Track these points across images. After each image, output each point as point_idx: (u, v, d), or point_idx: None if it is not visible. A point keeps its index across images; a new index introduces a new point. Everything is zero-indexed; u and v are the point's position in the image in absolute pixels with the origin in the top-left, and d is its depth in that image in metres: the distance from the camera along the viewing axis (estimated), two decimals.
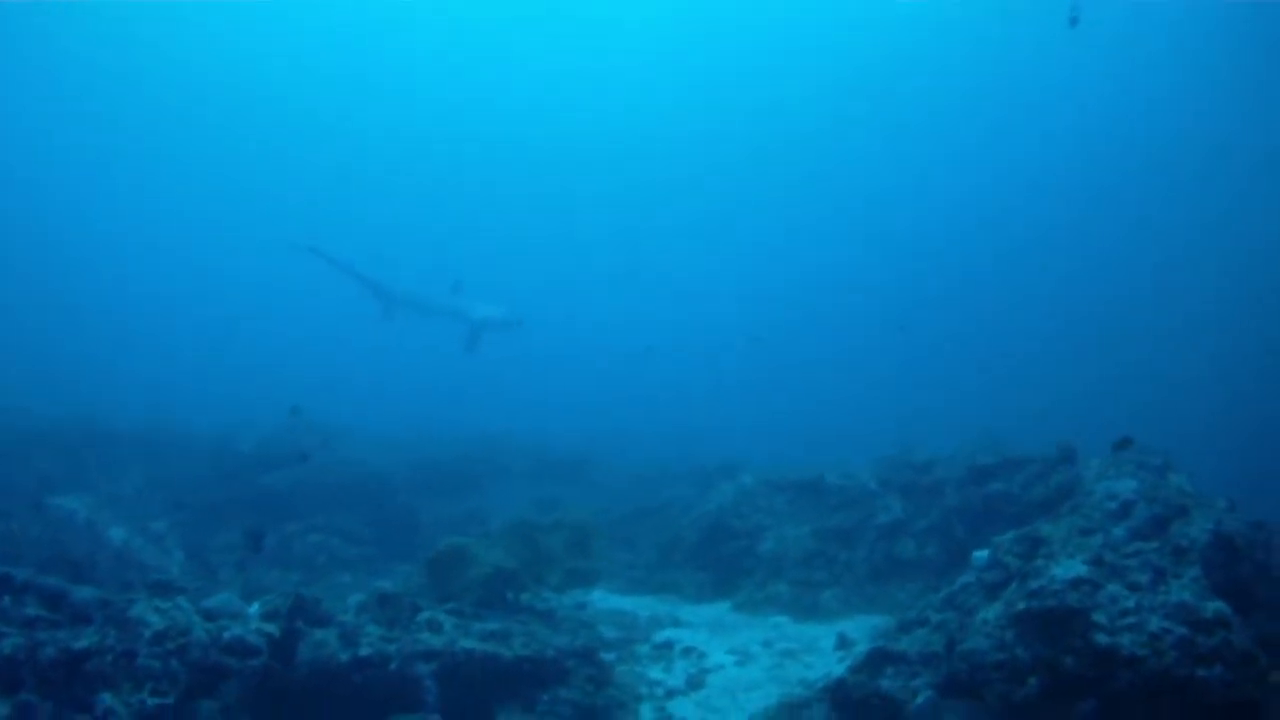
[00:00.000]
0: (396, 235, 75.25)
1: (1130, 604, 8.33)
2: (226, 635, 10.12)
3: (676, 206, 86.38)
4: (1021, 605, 8.88)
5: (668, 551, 18.98)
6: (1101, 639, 8.06)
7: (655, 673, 12.94)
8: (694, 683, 12.47)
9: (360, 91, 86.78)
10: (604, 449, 33.35)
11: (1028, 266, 69.58)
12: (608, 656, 13.08)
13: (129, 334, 66.90)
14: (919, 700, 9.10)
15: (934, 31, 67.14)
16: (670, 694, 12.15)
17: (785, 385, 58.26)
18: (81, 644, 9.26)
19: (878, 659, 9.93)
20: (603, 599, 17.16)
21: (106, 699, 8.75)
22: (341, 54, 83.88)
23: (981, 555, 11.41)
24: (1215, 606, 8.14)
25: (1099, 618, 8.26)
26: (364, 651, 10.57)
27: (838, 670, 11.02)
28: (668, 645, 14.09)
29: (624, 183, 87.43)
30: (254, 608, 11.28)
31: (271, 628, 10.52)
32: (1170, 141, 60.08)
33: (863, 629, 13.84)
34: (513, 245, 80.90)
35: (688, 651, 13.73)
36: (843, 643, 13.38)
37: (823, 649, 13.48)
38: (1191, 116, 57.94)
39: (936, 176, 78.20)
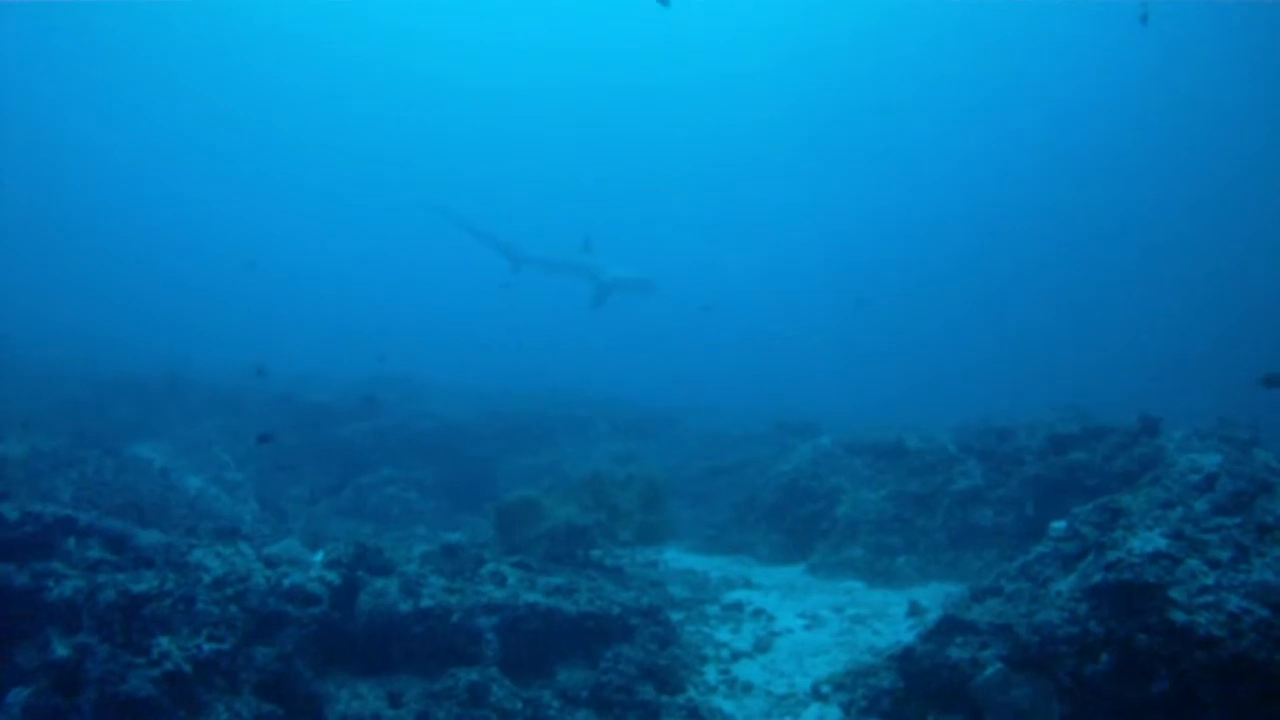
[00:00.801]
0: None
1: (1209, 581, 8.04)
2: (286, 582, 10.15)
3: (767, 161, 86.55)
4: (1097, 578, 8.62)
5: (743, 511, 18.84)
6: (1178, 616, 7.78)
7: (723, 634, 12.79)
8: (761, 645, 12.30)
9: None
10: (683, 407, 33.33)
11: (1119, 244, 68.73)
12: (675, 616, 12.99)
13: (220, 294, 68.01)
14: (987, 672, 8.88)
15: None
16: (736, 656, 12.00)
17: (868, 350, 57.98)
18: (141, 587, 9.24)
19: (947, 628, 9.71)
20: (675, 558, 17.10)
21: (163, 643, 8.73)
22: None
23: (1059, 525, 11.14)
24: None
25: (1176, 594, 7.98)
26: (425, 603, 10.55)
27: (907, 638, 10.84)
28: (737, 607, 13.92)
29: (714, 132, 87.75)
30: (318, 556, 11.31)
31: (333, 576, 10.54)
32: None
33: (936, 597, 13.60)
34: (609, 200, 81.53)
35: (757, 614, 13.55)
36: (914, 610, 13.16)
37: (894, 616, 13.26)
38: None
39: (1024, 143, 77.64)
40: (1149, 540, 8.67)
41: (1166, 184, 67.05)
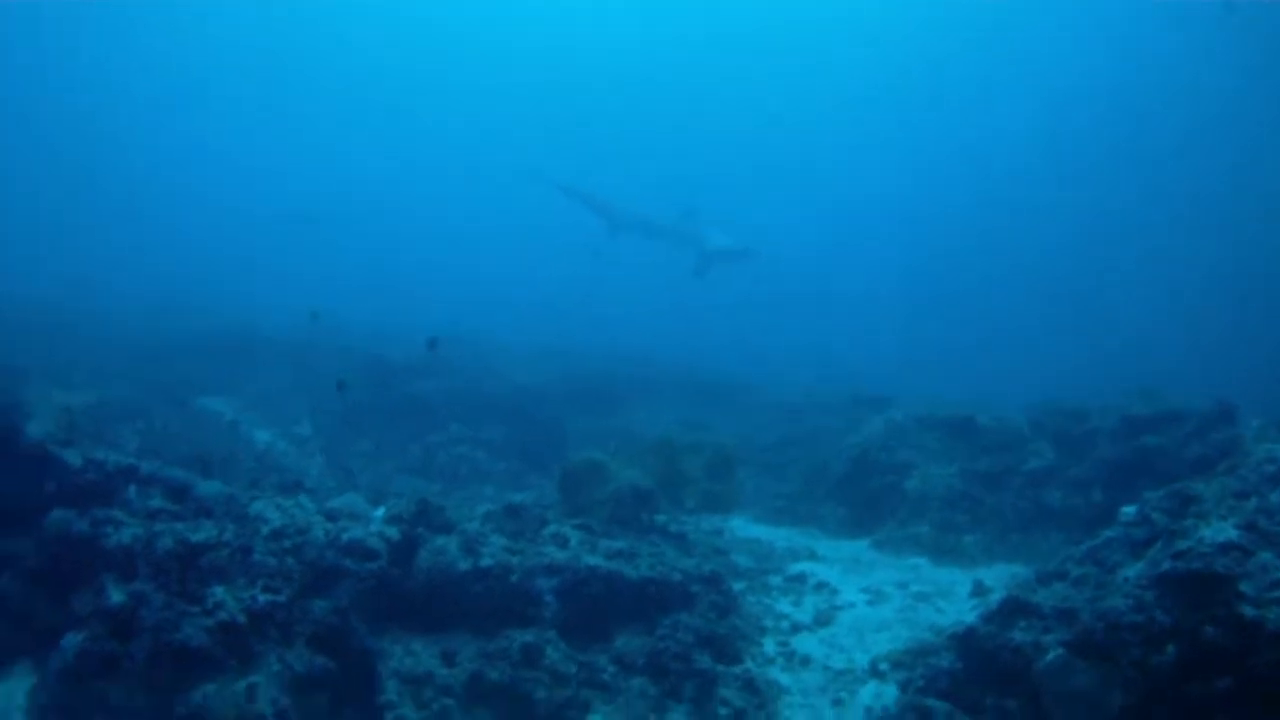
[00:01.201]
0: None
1: None
2: (345, 537, 10.20)
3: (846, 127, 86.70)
4: (1165, 566, 8.45)
5: (812, 483, 18.76)
6: (1247, 610, 7.60)
7: (783, 605, 12.74)
8: (822, 619, 12.25)
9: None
10: (754, 375, 33.19)
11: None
12: (737, 585, 12.95)
13: (290, 256, 68.78)
14: (1049, 657, 8.74)
15: None
16: (796, 628, 11.96)
17: (940, 325, 57.63)
18: (199, 537, 9.35)
19: (1011, 610, 9.56)
20: (741, 526, 17.05)
21: (218, 592, 8.79)
22: None
23: (1130, 510, 10.95)
24: None
25: (1246, 587, 7.80)
26: (485, 562, 10.57)
27: (969, 618, 10.70)
28: (800, 579, 13.85)
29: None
30: (379, 511, 11.33)
31: (393, 532, 10.58)
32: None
33: (1001, 577, 13.44)
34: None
35: (820, 587, 13.49)
36: (979, 590, 13.03)
37: (958, 595, 13.14)
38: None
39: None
40: (1221, 530, 8.48)
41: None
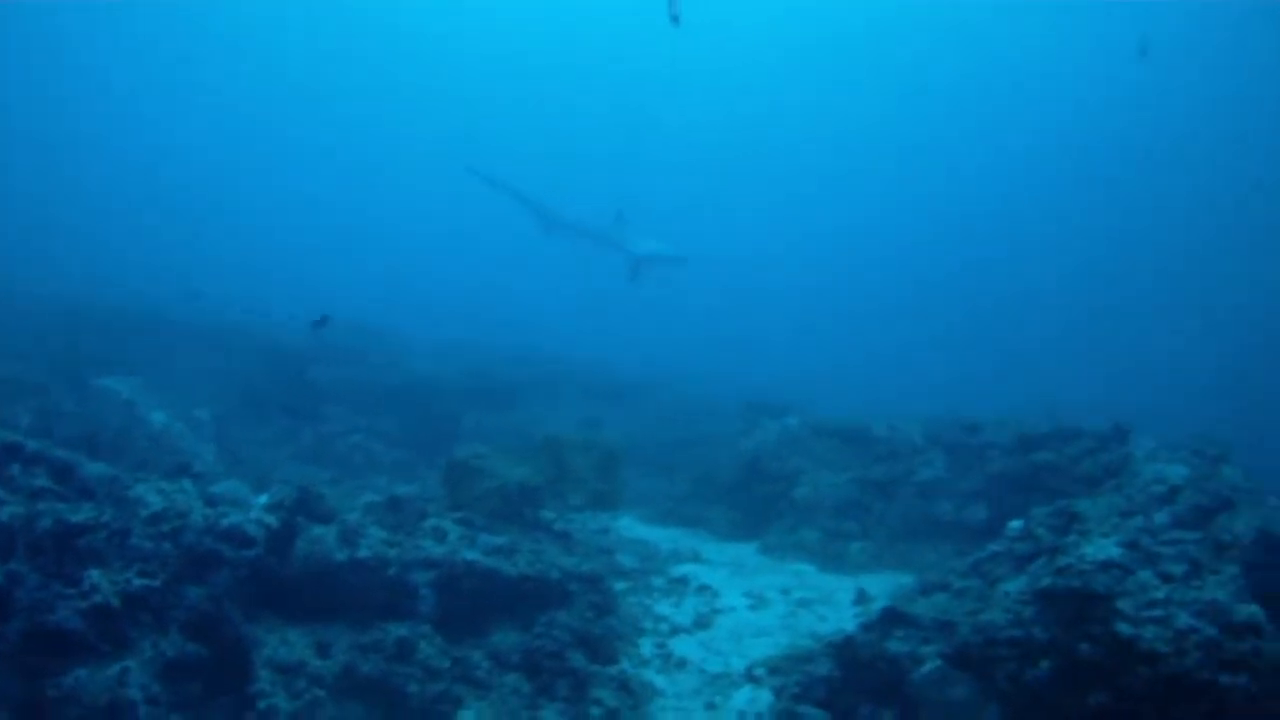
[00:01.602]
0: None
1: (1160, 595, 7.80)
2: (224, 523, 9.94)
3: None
4: (1045, 581, 8.40)
5: (702, 485, 18.68)
6: (1123, 629, 7.53)
7: (664, 607, 12.64)
8: (701, 622, 12.17)
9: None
10: (660, 376, 33.23)
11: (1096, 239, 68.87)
12: (620, 585, 12.89)
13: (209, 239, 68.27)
14: (926, 668, 8.65)
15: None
16: (675, 631, 11.87)
17: (848, 337, 58.05)
18: (78, 518, 9.06)
19: (890, 620, 9.50)
20: (629, 526, 16.95)
21: (94, 575, 8.54)
22: None
23: (1016, 524, 10.97)
24: (1250, 610, 7.57)
25: (1124, 605, 7.74)
26: (362, 553, 10.37)
27: (850, 626, 10.66)
28: (683, 581, 13.77)
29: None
30: (261, 498, 11.07)
31: (272, 519, 10.33)
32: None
33: (886, 586, 13.39)
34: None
35: (702, 589, 13.41)
36: (861, 598, 12.99)
37: (841, 602, 13.10)
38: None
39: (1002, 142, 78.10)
40: (1102, 548, 8.46)
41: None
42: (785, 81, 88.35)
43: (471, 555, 10.80)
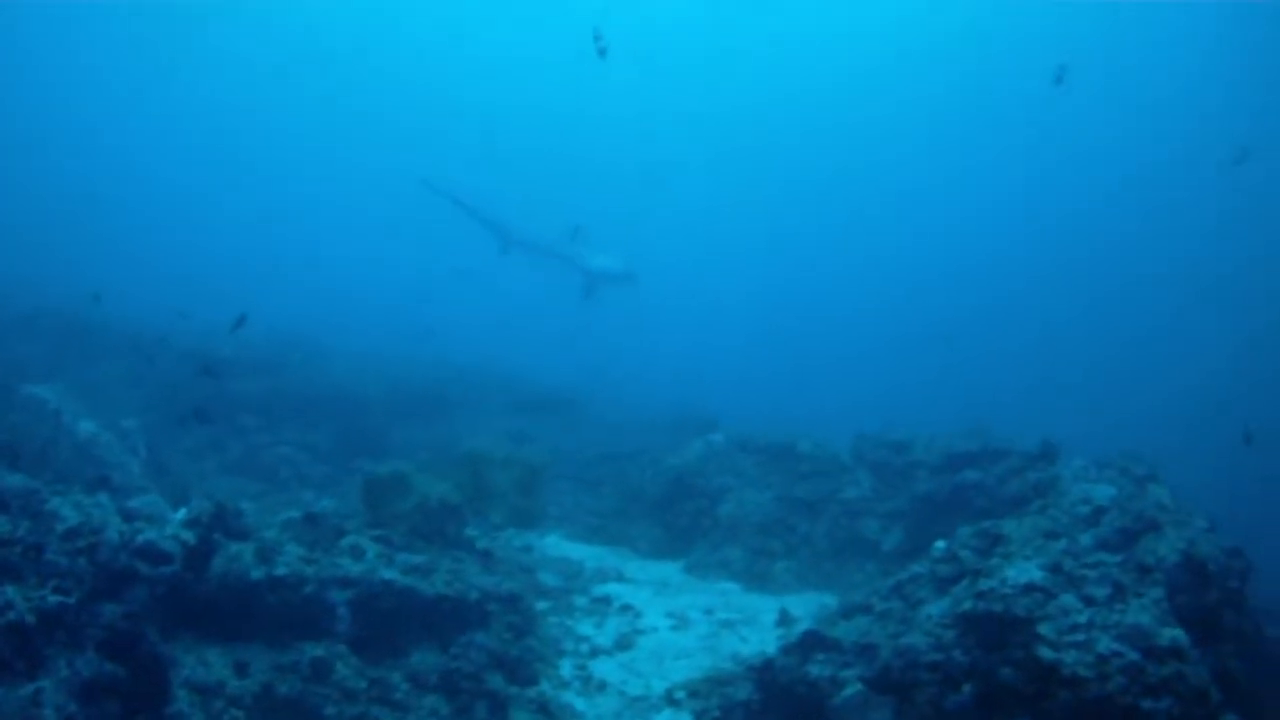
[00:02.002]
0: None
1: (1082, 619, 7.73)
2: (140, 539, 9.75)
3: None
4: (967, 605, 8.30)
5: (627, 502, 18.50)
6: (1045, 653, 7.46)
7: (585, 628, 12.47)
8: (623, 643, 12.01)
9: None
10: (591, 390, 33.04)
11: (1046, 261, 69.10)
12: (541, 605, 12.74)
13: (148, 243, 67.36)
14: (846, 693, 8.54)
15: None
16: (595, 652, 11.72)
17: (793, 355, 58.00)
18: None
19: (811, 643, 9.39)
20: (553, 544, 16.73)
21: (8, 591, 8.25)
22: None
23: (940, 546, 10.85)
24: (1173, 634, 7.51)
25: (1045, 630, 7.66)
26: (279, 571, 10.21)
27: (772, 648, 10.53)
28: (606, 600, 13.61)
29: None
30: (179, 513, 10.88)
31: (189, 536, 10.16)
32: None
33: (810, 606, 13.30)
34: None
35: (625, 609, 13.24)
36: (785, 619, 12.88)
37: (764, 623, 12.98)
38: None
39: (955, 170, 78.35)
40: (1025, 571, 8.37)
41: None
42: (708, 88, 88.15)
43: (389, 574, 10.63)
